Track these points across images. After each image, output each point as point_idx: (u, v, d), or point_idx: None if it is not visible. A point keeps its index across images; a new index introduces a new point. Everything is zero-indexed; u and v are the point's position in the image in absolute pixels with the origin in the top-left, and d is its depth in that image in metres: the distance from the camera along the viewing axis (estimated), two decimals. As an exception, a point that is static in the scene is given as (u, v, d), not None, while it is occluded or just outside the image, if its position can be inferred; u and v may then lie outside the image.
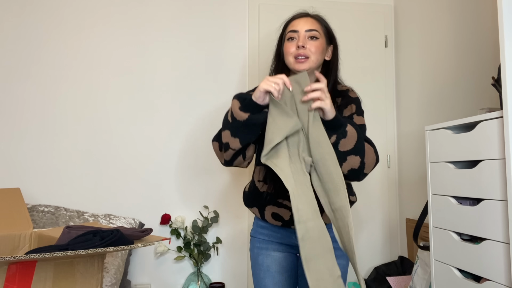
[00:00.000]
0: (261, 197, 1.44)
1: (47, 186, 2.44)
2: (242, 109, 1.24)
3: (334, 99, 1.44)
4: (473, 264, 1.41)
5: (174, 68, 2.61)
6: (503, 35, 1.26)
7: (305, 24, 1.43)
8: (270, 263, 1.45)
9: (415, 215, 2.55)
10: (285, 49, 1.45)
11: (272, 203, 1.42)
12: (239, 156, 1.32)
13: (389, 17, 2.83)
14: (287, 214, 1.40)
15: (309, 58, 1.40)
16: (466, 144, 1.45)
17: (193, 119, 2.61)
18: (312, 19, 1.45)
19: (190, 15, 2.65)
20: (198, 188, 2.60)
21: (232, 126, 1.27)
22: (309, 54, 1.39)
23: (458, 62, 2.20)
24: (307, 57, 1.39)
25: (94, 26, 2.55)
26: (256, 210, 1.47)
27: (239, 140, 1.27)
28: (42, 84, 2.48)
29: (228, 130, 1.28)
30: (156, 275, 2.52)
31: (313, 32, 1.42)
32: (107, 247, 1.16)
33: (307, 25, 1.42)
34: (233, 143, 1.28)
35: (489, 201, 1.33)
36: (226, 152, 1.31)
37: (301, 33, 1.41)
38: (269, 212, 1.43)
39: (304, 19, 1.44)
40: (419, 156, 2.51)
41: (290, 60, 1.43)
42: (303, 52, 1.39)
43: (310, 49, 1.40)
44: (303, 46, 1.39)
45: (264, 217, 1.45)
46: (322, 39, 1.44)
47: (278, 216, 1.42)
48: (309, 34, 1.41)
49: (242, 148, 1.29)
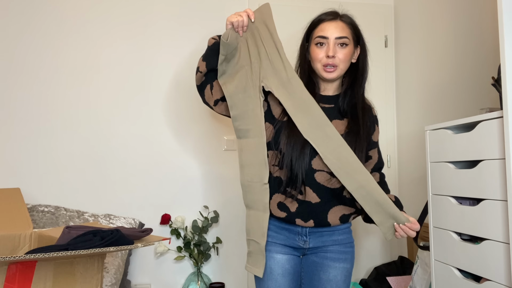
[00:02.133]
0: (272, 183, 1.41)
1: (47, 186, 2.44)
2: (213, 39, 1.44)
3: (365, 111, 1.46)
4: (473, 264, 1.41)
5: (174, 68, 2.61)
6: (503, 35, 1.26)
7: (335, 30, 1.40)
8: (273, 266, 1.43)
9: (415, 215, 2.55)
10: (312, 53, 1.44)
11: (281, 191, 1.40)
12: (207, 85, 1.48)
13: (389, 17, 2.83)
14: (294, 206, 1.38)
15: (337, 66, 1.41)
16: (466, 144, 1.45)
17: (193, 119, 2.61)
18: (343, 23, 1.42)
19: (190, 15, 2.65)
20: (198, 188, 2.60)
21: (205, 52, 1.46)
22: (338, 63, 1.40)
23: (458, 62, 2.20)
24: (335, 66, 1.41)
25: (94, 26, 2.55)
26: None
27: (205, 63, 1.45)
28: (42, 84, 2.48)
29: (202, 56, 1.46)
30: (156, 275, 2.52)
31: (343, 39, 1.40)
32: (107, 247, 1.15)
33: (337, 32, 1.40)
34: (201, 66, 1.46)
35: (489, 201, 1.33)
36: (196, 75, 1.48)
37: (331, 40, 1.40)
38: (275, 201, 1.41)
39: (334, 24, 1.41)
40: (419, 156, 2.51)
41: (317, 66, 1.43)
42: (332, 61, 1.40)
43: (339, 57, 1.40)
44: (333, 56, 1.39)
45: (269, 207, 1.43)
46: (351, 44, 1.43)
47: (285, 207, 1.40)
48: (339, 42, 1.40)
49: (208, 73, 1.47)
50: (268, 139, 1.43)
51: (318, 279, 1.44)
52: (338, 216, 1.40)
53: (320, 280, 1.43)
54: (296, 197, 1.38)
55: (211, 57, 1.45)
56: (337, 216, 1.40)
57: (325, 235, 1.43)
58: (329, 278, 1.42)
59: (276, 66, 1.39)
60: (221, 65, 1.46)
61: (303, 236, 1.42)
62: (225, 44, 1.41)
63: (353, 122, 1.42)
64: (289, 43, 1.79)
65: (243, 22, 1.39)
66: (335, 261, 1.43)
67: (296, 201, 1.38)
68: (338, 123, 1.43)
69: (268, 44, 1.40)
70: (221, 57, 1.44)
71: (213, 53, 1.44)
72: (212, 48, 1.44)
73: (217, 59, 1.44)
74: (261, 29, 1.41)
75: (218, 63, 1.45)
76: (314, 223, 1.39)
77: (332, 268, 1.43)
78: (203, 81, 1.49)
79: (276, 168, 1.41)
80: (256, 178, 1.40)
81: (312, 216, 1.38)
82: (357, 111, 1.43)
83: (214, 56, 1.44)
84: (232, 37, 1.42)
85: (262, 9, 1.41)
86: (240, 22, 1.39)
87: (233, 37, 1.42)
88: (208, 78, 1.48)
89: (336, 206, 1.39)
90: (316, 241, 1.43)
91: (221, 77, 1.47)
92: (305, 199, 1.38)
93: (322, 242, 1.44)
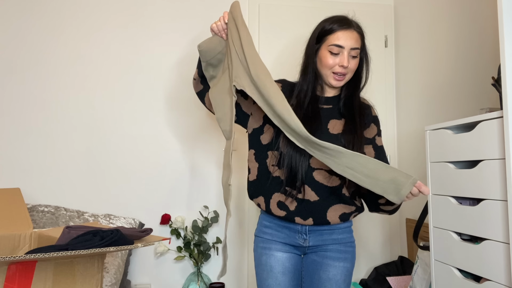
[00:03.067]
0: (272, 183, 1.42)
1: (47, 186, 2.44)
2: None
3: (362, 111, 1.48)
4: (473, 264, 1.41)
5: (174, 68, 2.61)
6: (503, 35, 1.26)
7: (350, 40, 1.42)
8: (273, 264, 1.44)
9: (415, 215, 2.55)
10: (324, 59, 1.44)
11: (281, 191, 1.41)
12: (206, 93, 1.55)
13: (389, 17, 2.83)
14: (293, 204, 1.39)
15: (346, 75, 1.45)
16: (466, 144, 1.45)
17: (193, 119, 2.61)
18: (357, 34, 1.44)
19: (190, 15, 2.65)
20: (198, 188, 2.60)
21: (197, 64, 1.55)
22: (348, 72, 1.44)
23: (458, 62, 2.20)
24: (345, 74, 1.44)
25: (94, 26, 2.55)
26: (262, 199, 1.45)
27: (197, 70, 1.54)
28: (42, 84, 2.48)
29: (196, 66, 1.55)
30: (156, 275, 2.52)
31: (356, 50, 1.43)
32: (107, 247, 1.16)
33: (353, 42, 1.42)
34: (195, 73, 1.56)
35: (489, 201, 1.33)
36: (192, 82, 1.59)
37: (346, 50, 1.42)
38: (275, 200, 1.42)
39: (349, 33, 1.42)
40: (419, 156, 2.51)
41: (326, 73, 1.45)
42: (344, 71, 1.43)
43: (350, 68, 1.44)
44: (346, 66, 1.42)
45: (269, 207, 1.43)
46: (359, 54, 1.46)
47: (284, 206, 1.41)
48: (353, 53, 1.43)
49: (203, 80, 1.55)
50: (268, 140, 1.44)
51: (318, 278, 1.44)
52: (338, 215, 1.41)
53: (320, 279, 1.44)
54: (295, 196, 1.39)
55: (199, 64, 1.53)
56: (337, 214, 1.41)
57: (325, 233, 1.44)
58: (329, 277, 1.43)
59: (244, 64, 1.39)
60: (206, 71, 1.51)
61: (303, 235, 1.43)
62: (201, 52, 1.48)
63: (350, 122, 1.45)
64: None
65: (221, 26, 1.46)
66: (335, 260, 1.43)
67: (295, 200, 1.39)
68: (336, 122, 1.46)
69: (236, 42, 1.41)
70: (203, 63, 1.50)
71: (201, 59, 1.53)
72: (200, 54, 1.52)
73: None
74: (232, 28, 1.43)
75: (203, 70, 1.51)
76: (314, 221, 1.40)
77: (332, 267, 1.43)
78: (201, 89, 1.58)
79: (276, 168, 1.42)
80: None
81: (311, 214, 1.39)
82: (354, 111, 1.47)
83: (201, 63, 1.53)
84: (214, 42, 1.47)
85: (232, 8, 1.44)
86: (218, 26, 1.46)
87: (215, 42, 1.47)
88: (205, 85, 1.57)
89: (335, 205, 1.40)
90: (316, 239, 1.44)
91: (210, 81, 1.53)
92: (304, 198, 1.39)
93: (322, 241, 1.44)
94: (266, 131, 1.45)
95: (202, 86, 1.57)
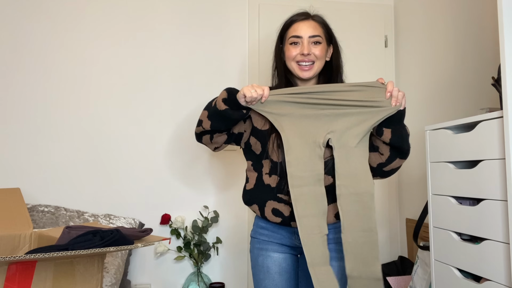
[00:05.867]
0: (265, 191, 1.42)
1: (47, 186, 2.44)
2: (224, 101, 1.34)
3: None
4: (473, 264, 1.41)
5: (174, 68, 2.61)
6: (503, 35, 1.26)
7: (308, 29, 1.44)
8: (270, 264, 1.44)
9: (415, 215, 2.55)
10: (287, 53, 1.47)
11: (273, 198, 1.41)
12: (206, 135, 1.43)
13: (389, 17, 2.83)
14: (287, 210, 1.39)
15: (314, 64, 1.44)
16: (466, 144, 1.45)
17: (193, 119, 2.61)
18: (315, 22, 1.46)
19: (190, 15, 2.65)
20: (198, 188, 2.60)
21: (211, 110, 1.38)
22: (314, 60, 1.44)
23: (458, 62, 2.20)
24: (312, 64, 1.44)
25: (93, 26, 2.55)
26: (256, 207, 1.45)
27: (210, 123, 1.38)
28: (42, 84, 2.48)
29: (207, 111, 1.39)
30: (156, 275, 2.52)
31: (317, 37, 1.44)
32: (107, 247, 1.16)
33: (310, 31, 1.44)
34: (205, 124, 1.39)
35: (489, 201, 1.33)
36: (198, 127, 1.43)
37: (305, 38, 1.43)
38: (269, 208, 1.42)
39: (306, 23, 1.45)
40: (419, 156, 2.51)
41: (293, 66, 1.46)
42: (308, 58, 1.43)
43: (315, 54, 1.44)
44: (308, 54, 1.42)
45: (264, 214, 1.44)
46: (324, 42, 1.47)
47: (278, 212, 1.41)
48: (313, 40, 1.44)
49: (211, 131, 1.40)
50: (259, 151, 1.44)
51: None
52: (333, 214, 1.41)
53: None
54: (288, 202, 1.39)
55: (218, 122, 1.37)
56: (332, 214, 1.40)
57: None
58: None
59: None
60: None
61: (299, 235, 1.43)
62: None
63: None
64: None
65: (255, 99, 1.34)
66: (331, 260, 1.43)
67: (288, 205, 1.39)
68: None
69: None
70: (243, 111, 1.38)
71: (222, 119, 1.37)
72: (223, 113, 1.35)
73: (225, 125, 1.38)
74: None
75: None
76: None
77: None
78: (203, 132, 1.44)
79: (267, 176, 1.42)
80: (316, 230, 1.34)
81: None
82: None
83: (221, 122, 1.37)
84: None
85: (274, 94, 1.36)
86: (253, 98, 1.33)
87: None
88: (208, 132, 1.43)
89: (330, 204, 1.40)
90: None
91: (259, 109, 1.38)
92: None
93: None
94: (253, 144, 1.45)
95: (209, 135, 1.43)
